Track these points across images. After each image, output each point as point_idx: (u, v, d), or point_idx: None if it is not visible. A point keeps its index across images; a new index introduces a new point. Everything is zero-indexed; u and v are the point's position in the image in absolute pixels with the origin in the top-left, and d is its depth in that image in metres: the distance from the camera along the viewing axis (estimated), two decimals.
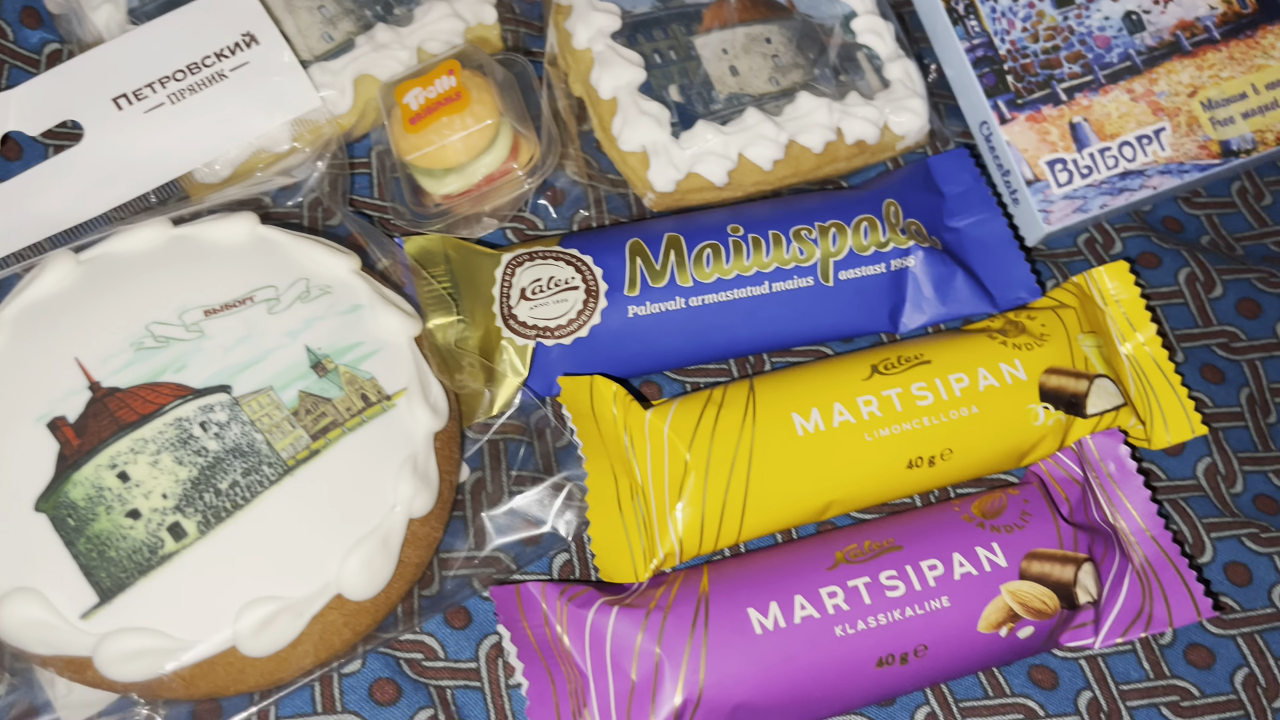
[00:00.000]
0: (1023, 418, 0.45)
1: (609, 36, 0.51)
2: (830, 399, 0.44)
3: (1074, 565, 0.42)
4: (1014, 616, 0.41)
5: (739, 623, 0.40)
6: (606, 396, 0.44)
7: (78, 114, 0.46)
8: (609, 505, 0.43)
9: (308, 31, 0.50)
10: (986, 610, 0.41)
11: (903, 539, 0.42)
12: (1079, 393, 0.45)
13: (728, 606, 0.40)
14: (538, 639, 0.40)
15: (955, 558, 0.41)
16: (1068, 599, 0.41)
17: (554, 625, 0.40)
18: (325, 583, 0.38)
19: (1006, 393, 0.45)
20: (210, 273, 0.42)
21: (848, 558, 0.41)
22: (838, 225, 0.48)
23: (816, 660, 0.40)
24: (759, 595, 0.40)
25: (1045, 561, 0.42)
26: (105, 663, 0.36)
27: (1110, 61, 0.52)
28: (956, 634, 0.41)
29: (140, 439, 0.39)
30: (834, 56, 0.52)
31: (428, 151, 0.46)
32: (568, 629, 0.40)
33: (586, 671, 0.40)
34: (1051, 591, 0.41)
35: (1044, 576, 0.41)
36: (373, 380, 0.41)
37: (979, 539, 0.42)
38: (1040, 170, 0.51)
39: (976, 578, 0.41)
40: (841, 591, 0.40)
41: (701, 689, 0.39)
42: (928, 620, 0.40)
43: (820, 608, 0.40)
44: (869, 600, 0.40)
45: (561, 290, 0.46)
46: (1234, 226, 0.55)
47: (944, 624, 0.41)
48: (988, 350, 0.46)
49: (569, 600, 0.41)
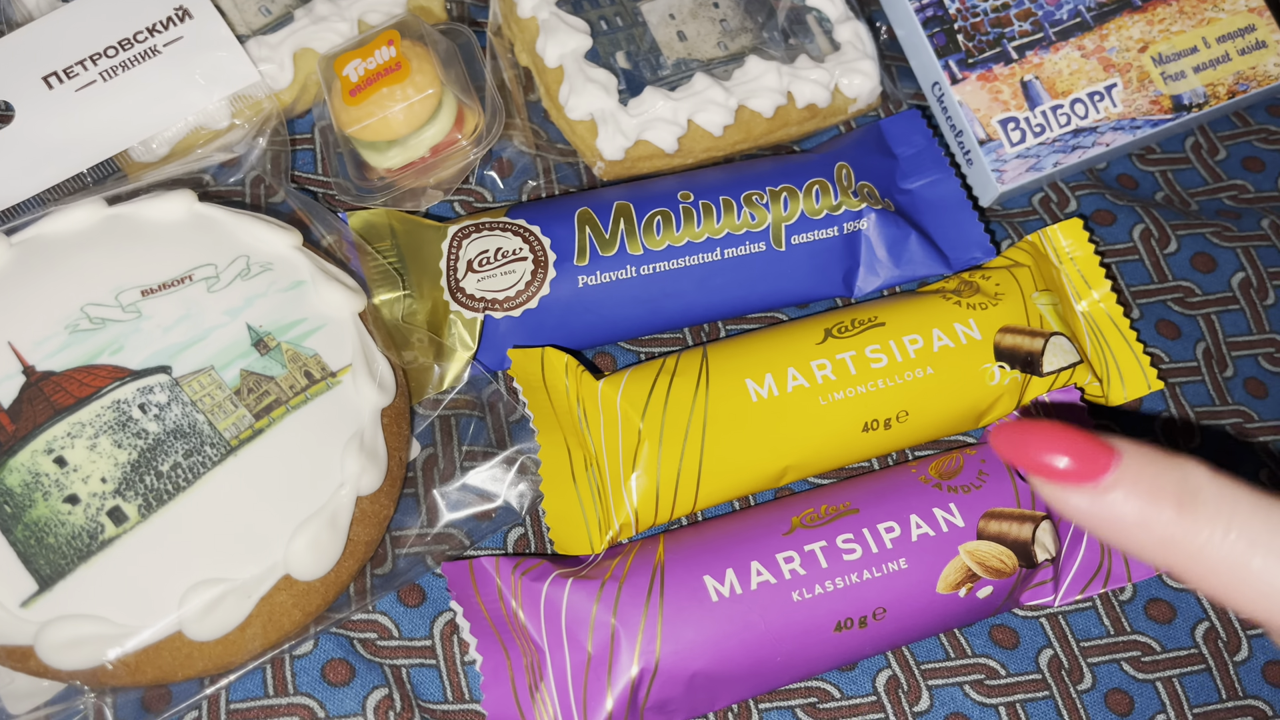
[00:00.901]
0: (978, 377, 0.45)
1: (554, 4, 0.50)
2: (784, 364, 0.44)
3: (1031, 523, 0.41)
4: (973, 576, 0.41)
5: (695, 590, 0.39)
6: (558, 368, 0.43)
7: (7, 94, 0.45)
8: (563, 478, 0.42)
9: (244, 5, 0.49)
10: (945, 571, 0.41)
11: (859, 502, 0.42)
12: (1034, 351, 0.45)
13: (683, 575, 0.40)
14: (492, 614, 0.40)
15: (913, 519, 0.41)
16: (1026, 557, 0.41)
17: (508, 600, 0.40)
18: (272, 563, 0.37)
19: (961, 353, 0.45)
20: (147, 252, 0.42)
21: (804, 522, 0.41)
22: (789, 189, 0.48)
23: (774, 626, 0.39)
24: (715, 562, 0.40)
25: (1002, 520, 0.42)
26: (47, 651, 0.35)
27: (1060, 19, 0.52)
28: (915, 596, 0.40)
29: (77, 423, 0.38)
30: (783, 19, 0.52)
31: (369, 124, 0.45)
32: (522, 603, 0.40)
33: (543, 645, 0.39)
34: (1009, 550, 0.41)
35: (1002, 535, 0.41)
36: (316, 357, 0.40)
37: (936, 500, 0.42)
38: (993, 130, 0.51)
39: (934, 539, 0.41)
40: (798, 556, 0.40)
41: (658, 659, 0.38)
42: (886, 583, 0.40)
43: (777, 573, 0.40)
44: (826, 564, 0.40)
45: (509, 261, 0.45)
46: (1188, 182, 0.55)
47: (902, 586, 0.40)
48: (942, 311, 0.45)
49: (523, 574, 0.40)
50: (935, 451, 0.46)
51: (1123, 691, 0.44)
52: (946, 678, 0.43)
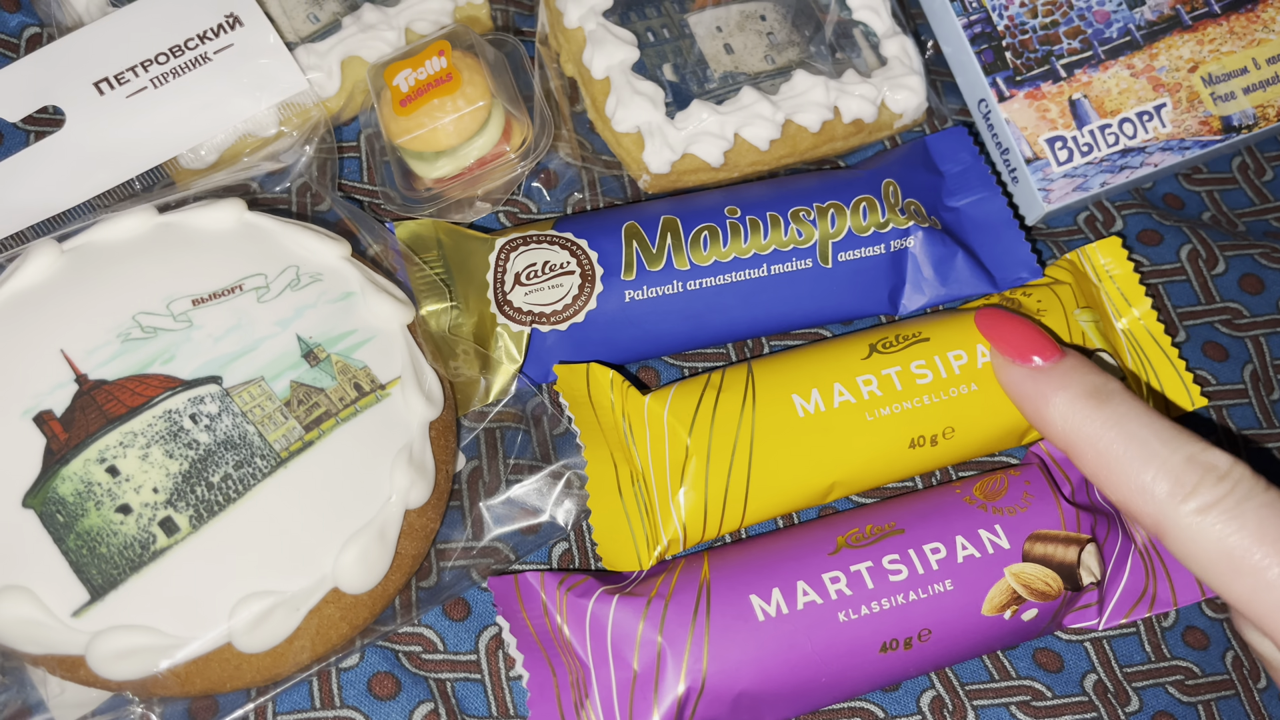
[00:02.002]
0: None
1: (601, 15, 0.50)
2: (830, 379, 0.43)
3: (1077, 546, 0.41)
4: (1017, 599, 0.41)
5: (741, 610, 0.39)
6: (604, 383, 0.43)
7: (59, 99, 0.45)
8: (610, 493, 0.42)
9: (293, 12, 0.49)
10: (990, 593, 0.40)
11: (904, 522, 0.42)
12: None
13: (729, 594, 0.40)
14: (537, 629, 0.40)
15: (958, 540, 0.41)
16: (1071, 580, 0.41)
17: (554, 615, 0.40)
18: (321, 576, 0.37)
19: None
20: (198, 261, 0.42)
21: (849, 542, 0.41)
22: (836, 206, 0.47)
23: (820, 646, 0.39)
24: (761, 581, 0.40)
25: (1048, 543, 0.41)
26: (98, 661, 0.35)
27: (1110, 37, 0.52)
28: (960, 617, 0.40)
29: (129, 432, 0.38)
30: (830, 33, 0.52)
31: (419, 134, 0.45)
32: (568, 619, 0.40)
33: (588, 662, 0.39)
34: (1055, 573, 0.41)
35: (1047, 558, 0.41)
36: (366, 369, 0.40)
37: (981, 521, 0.42)
38: (1040, 148, 0.51)
39: (979, 560, 0.41)
40: (844, 576, 0.40)
41: (705, 677, 0.38)
42: (931, 604, 0.40)
43: (823, 593, 0.40)
44: (872, 585, 0.40)
45: (557, 275, 0.45)
46: (1235, 202, 0.54)
47: (947, 607, 0.40)
48: None
49: (568, 590, 0.40)
50: (979, 472, 0.46)
51: (1169, 715, 0.44)
52: (991, 699, 0.43)
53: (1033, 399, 0.39)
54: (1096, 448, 0.36)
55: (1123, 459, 0.36)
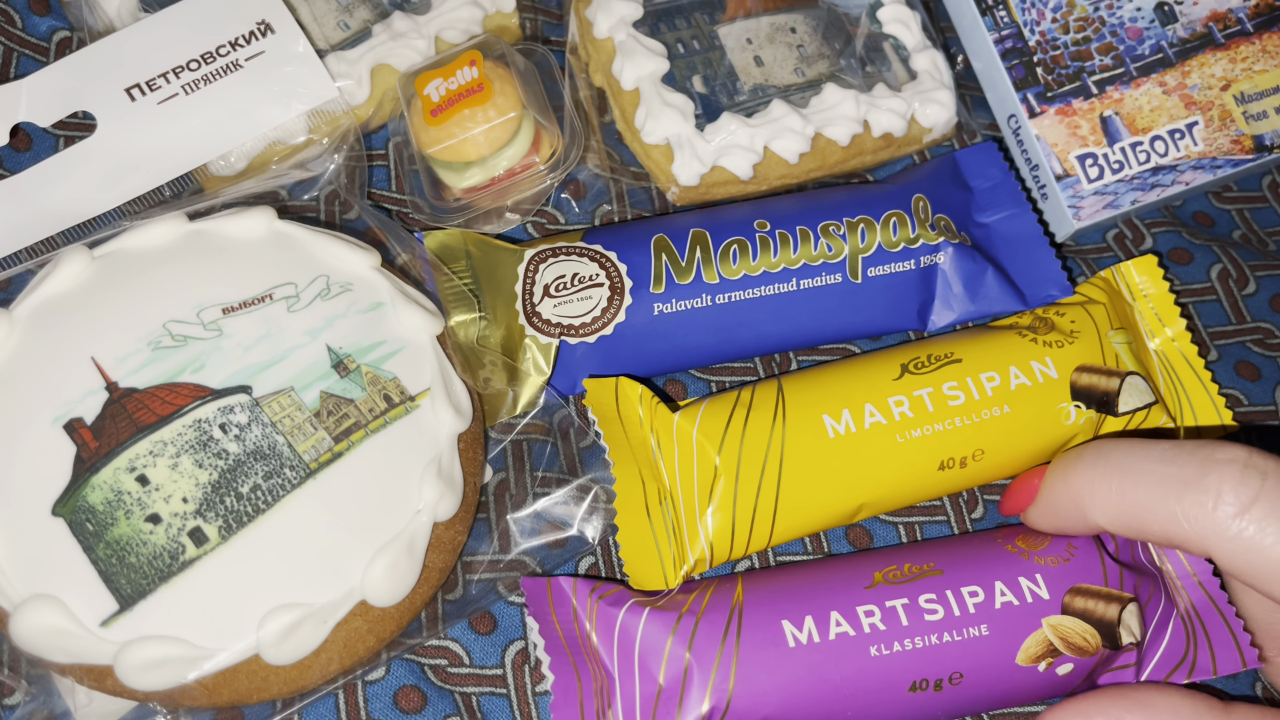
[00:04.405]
0: (1054, 417, 0.44)
1: (631, 25, 0.50)
2: (861, 400, 0.43)
3: (1119, 604, 0.40)
4: (1054, 651, 0.40)
5: (773, 634, 0.39)
6: (632, 399, 0.43)
7: (90, 105, 0.45)
8: (637, 511, 0.42)
9: (323, 20, 0.49)
10: (1026, 643, 0.40)
11: (944, 564, 0.41)
12: (1110, 391, 0.44)
13: (761, 618, 0.39)
14: (566, 634, 0.40)
15: (997, 586, 0.40)
16: (1110, 638, 0.40)
17: (583, 622, 0.40)
18: (349, 589, 0.37)
19: (1038, 391, 0.44)
20: (228, 269, 0.41)
21: (887, 578, 0.40)
22: (866, 221, 0.47)
23: (849, 679, 0.39)
24: (794, 608, 0.39)
25: (1089, 598, 0.41)
26: (126, 671, 0.35)
27: (1142, 54, 0.51)
28: (994, 664, 0.40)
29: (159, 441, 0.38)
30: (860, 47, 0.51)
31: (449, 145, 0.45)
32: (597, 626, 0.39)
33: (613, 671, 0.39)
34: (1094, 629, 0.40)
35: (1087, 613, 0.40)
36: (395, 380, 0.40)
37: (1022, 569, 0.41)
38: (1070, 165, 0.50)
39: (1017, 608, 0.40)
40: (879, 611, 0.39)
41: (730, 698, 0.38)
42: (965, 648, 0.39)
43: (856, 626, 0.39)
44: (906, 622, 0.39)
45: (586, 287, 0.45)
46: (1265, 221, 0.54)
47: (981, 653, 0.39)
48: (1019, 348, 0.45)
49: (600, 598, 0.40)
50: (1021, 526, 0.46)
51: None
52: None
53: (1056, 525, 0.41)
54: (1119, 496, 0.37)
55: (1145, 499, 0.36)
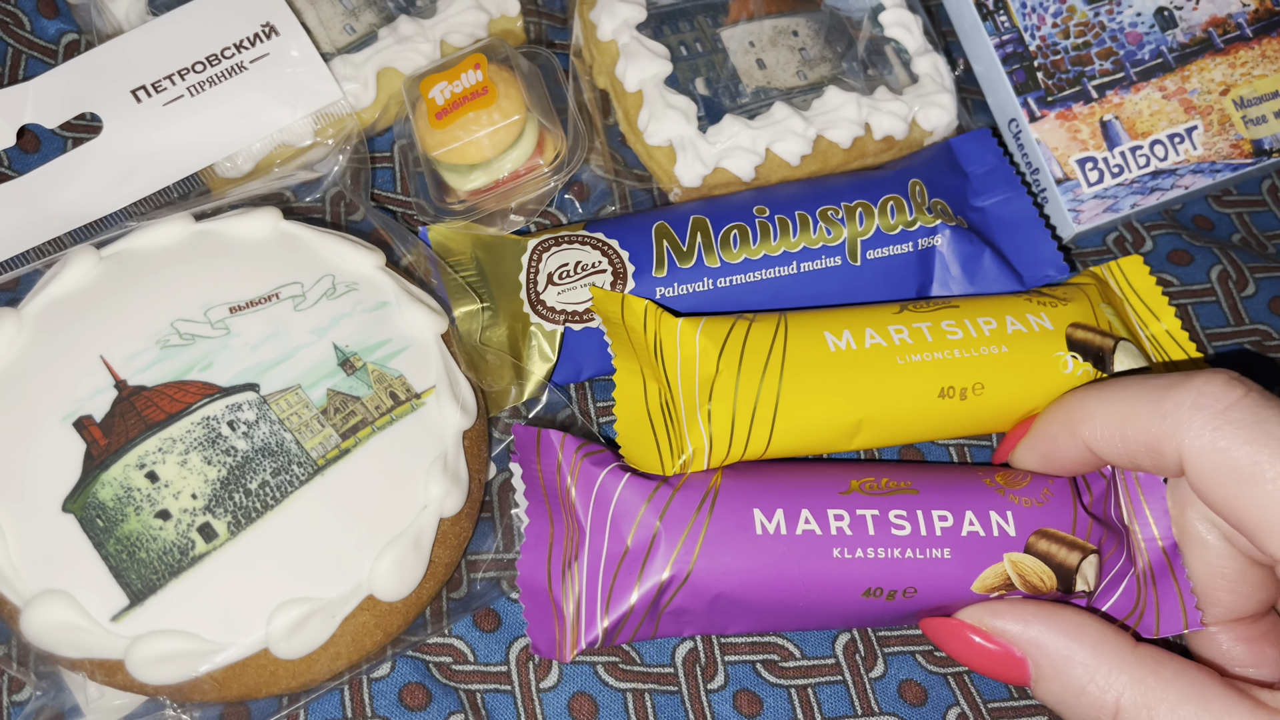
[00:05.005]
0: (1052, 363, 0.44)
1: (634, 28, 0.50)
2: (861, 325, 0.44)
3: (1080, 553, 0.41)
4: (1009, 585, 0.41)
5: (742, 519, 0.40)
6: (637, 312, 0.43)
7: (96, 106, 0.45)
8: (637, 404, 0.42)
9: (329, 23, 0.49)
10: (984, 573, 0.41)
11: (920, 485, 0.42)
12: (1105, 348, 0.45)
13: (734, 502, 0.40)
14: (547, 483, 0.40)
15: (968, 515, 0.41)
16: (1066, 583, 0.41)
17: (565, 475, 0.41)
18: (357, 584, 0.37)
19: (1034, 338, 0.44)
20: (235, 269, 0.42)
21: (863, 488, 0.41)
22: (864, 205, 0.48)
23: (807, 573, 0.40)
24: (767, 500, 0.40)
25: (1053, 542, 0.42)
26: (138, 666, 0.35)
27: (1142, 59, 0.52)
28: (949, 587, 0.40)
29: (168, 438, 0.38)
30: (862, 50, 0.52)
31: (454, 147, 0.46)
32: (577, 482, 0.40)
33: (585, 526, 0.40)
34: (1052, 572, 0.41)
35: (1049, 556, 0.41)
36: (401, 378, 0.41)
37: (995, 503, 0.42)
38: (1070, 169, 0.51)
39: (982, 539, 0.41)
40: (848, 516, 0.40)
41: (691, 571, 0.39)
42: (925, 566, 0.40)
43: (824, 526, 0.40)
44: (873, 532, 0.40)
45: (589, 274, 0.45)
46: (1265, 224, 0.54)
47: (939, 574, 0.40)
48: (1015, 304, 0.45)
49: (584, 455, 0.41)
50: None
51: None
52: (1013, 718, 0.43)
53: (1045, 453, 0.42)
54: (1103, 400, 0.38)
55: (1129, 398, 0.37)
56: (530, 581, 0.39)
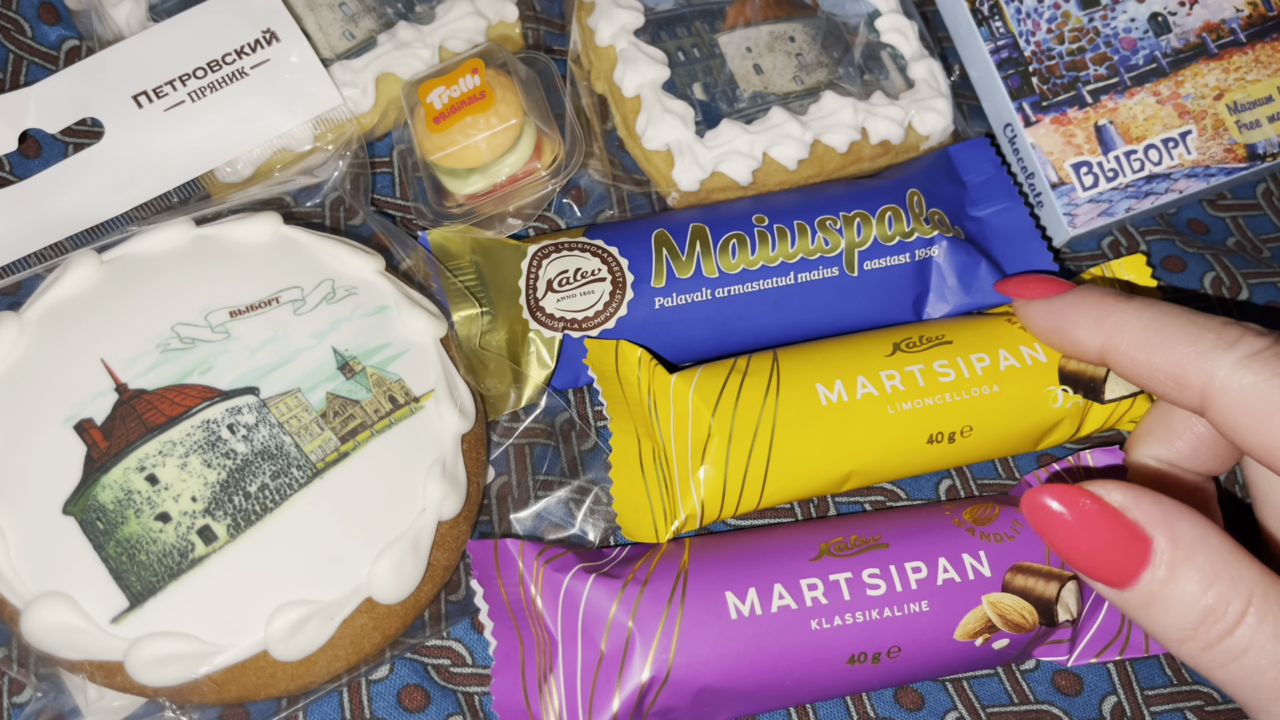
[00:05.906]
0: (1042, 399, 0.45)
1: (632, 34, 0.51)
2: (854, 372, 0.44)
3: (1058, 582, 0.41)
4: (991, 627, 0.40)
5: (715, 605, 0.39)
6: (631, 361, 0.44)
7: (98, 111, 0.46)
8: (632, 466, 0.43)
9: (329, 29, 0.49)
10: (965, 619, 0.40)
11: (889, 537, 0.42)
12: (1097, 378, 0.45)
13: (705, 587, 0.40)
14: (510, 598, 0.40)
15: (941, 562, 0.41)
16: (1048, 615, 0.41)
17: (528, 586, 0.40)
18: (356, 586, 0.38)
19: (1026, 374, 0.45)
20: (235, 273, 0.42)
21: (832, 550, 0.41)
22: (862, 215, 0.48)
23: (788, 651, 0.39)
24: (738, 579, 0.40)
25: (1029, 575, 0.41)
26: (137, 667, 0.36)
27: (1136, 64, 0.52)
28: (932, 639, 0.40)
29: (168, 441, 0.38)
30: (858, 55, 0.52)
31: (452, 151, 0.46)
32: (542, 591, 0.40)
33: (557, 637, 0.39)
34: (1032, 607, 0.41)
35: (1027, 591, 0.41)
36: (400, 382, 0.41)
37: (966, 545, 0.42)
38: (1065, 173, 0.51)
39: (959, 585, 0.41)
40: (821, 584, 0.40)
41: (670, 668, 0.39)
42: (905, 623, 0.40)
43: (799, 599, 0.40)
44: (849, 596, 0.40)
45: (588, 282, 0.46)
46: (1259, 228, 0.55)
47: (921, 629, 0.40)
48: (1008, 333, 0.46)
49: (546, 562, 0.40)
50: (970, 499, 0.46)
51: None
52: None
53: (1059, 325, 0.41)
54: (1140, 320, 0.38)
55: (1166, 327, 0.37)
56: (507, 704, 0.39)
